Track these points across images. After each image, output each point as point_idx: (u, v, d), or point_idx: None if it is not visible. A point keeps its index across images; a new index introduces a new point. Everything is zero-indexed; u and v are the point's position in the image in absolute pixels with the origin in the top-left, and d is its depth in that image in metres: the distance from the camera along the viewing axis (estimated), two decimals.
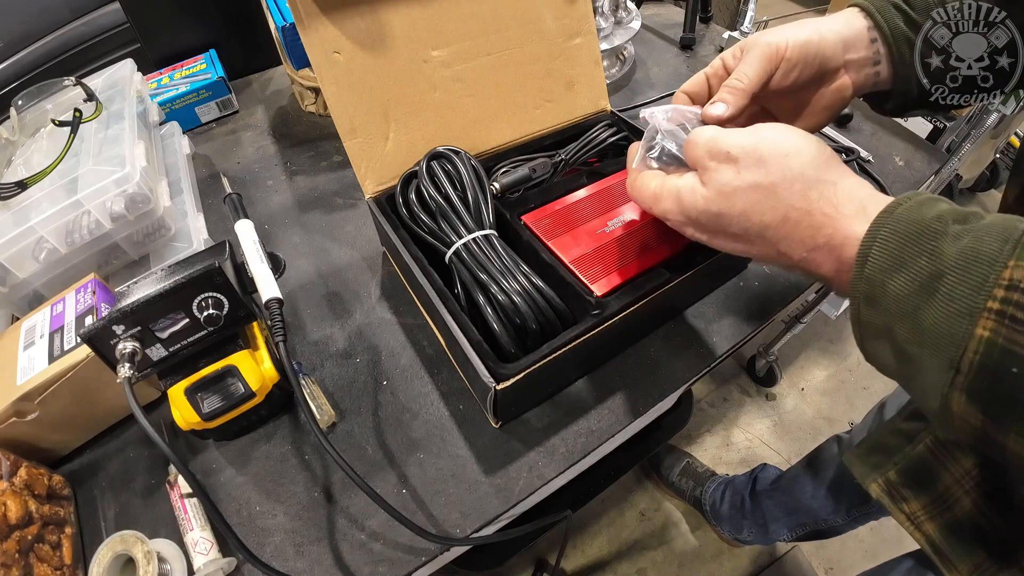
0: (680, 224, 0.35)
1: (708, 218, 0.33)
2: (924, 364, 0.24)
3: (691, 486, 1.17)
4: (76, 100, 0.62)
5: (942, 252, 0.24)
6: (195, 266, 0.40)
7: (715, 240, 0.34)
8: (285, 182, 0.74)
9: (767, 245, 0.31)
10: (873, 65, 0.41)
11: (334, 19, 0.50)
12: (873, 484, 0.45)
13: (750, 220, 0.31)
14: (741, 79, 0.40)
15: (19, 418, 0.43)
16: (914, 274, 0.24)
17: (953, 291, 0.23)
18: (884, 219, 0.26)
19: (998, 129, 0.94)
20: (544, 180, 0.58)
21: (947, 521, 0.41)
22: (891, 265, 0.25)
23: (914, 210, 0.26)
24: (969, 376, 0.23)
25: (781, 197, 0.30)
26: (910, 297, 0.24)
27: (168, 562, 0.42)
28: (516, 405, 0.49)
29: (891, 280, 0.25)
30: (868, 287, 0.26)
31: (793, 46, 0.40)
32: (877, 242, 0.26)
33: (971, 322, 0.22)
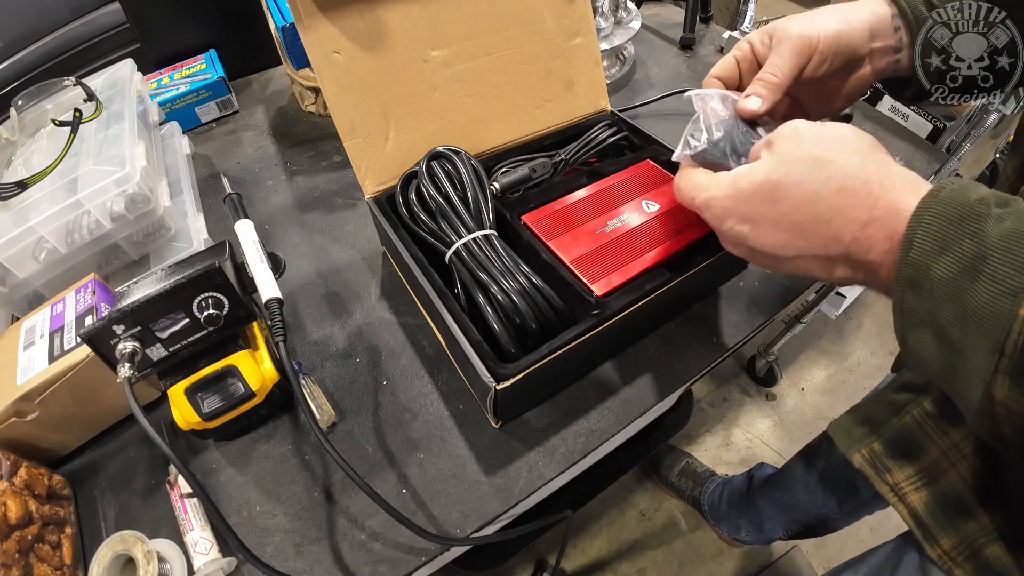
0: (723, 213, 0.34)
1: (763, 193, 0.31)
2: (968, 350, 0.24)
3: (690, 486, 1.17)
4: (76, 100, 0.62)
5: (986, 233, 0.24)
6: (195, 266, 0.40)
7: (758, 230, 0.32)
8: (285, 182, 0.74)
9: (817, 225, 0.30)
10: (895, 53, 0.41)
11: (334, 19, 0.50)
12: (856, 455, 0.45)
13: (805, 190, 0.30)
14: (776, 73, 0.39)
15: (19, 418, 0.43)
16: (958, 256, 0.24)
17: (997, 272, 0.23)
18: (928, 202, 0.26)
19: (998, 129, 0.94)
20: (544, 180, 0.58)
21: (931, 494, 0.41)
22: (935, 248, 0.25)
23: (958, 193, 0.26)
24: (1014, 358, 0.23)
25: (838, 167, 0.29)
26: (954, 279, 0.24)
27: (168, 562, 0.42)
28: (516, 405, 0.49)
29: (935, 263, 0.25)
30: (913, 272, 0.26)
31: (825, 38, 0.39)
32: (922, 225, 0.26)
33: (1015, 302, 0.22)
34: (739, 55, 0.43)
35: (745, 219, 0.32)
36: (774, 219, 0.31)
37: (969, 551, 0.41)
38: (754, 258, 0.34)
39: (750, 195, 0.32)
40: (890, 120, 0.83)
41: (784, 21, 0.41)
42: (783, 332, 1.25)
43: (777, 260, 0.33)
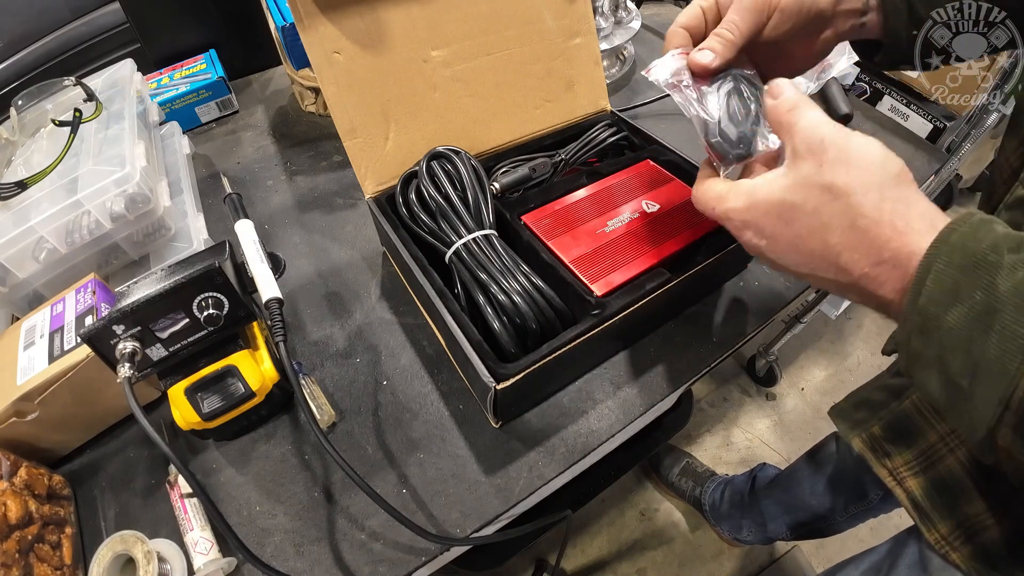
0: (741, 225, 0.33)
1: (779, 212, 0.31)
2: (974, 398, 0.24)
3: (691, 486, 1.17)
4: (76, 100, 0.62)
5: (997, 287, 0.23)
6: (195, 266, 0.40)
7: (775, 246, 0.32)
8: (285, 182, 0.74)
9: (828, 254, 0.29)
10: (860, 16, 0.40)
11: (334, 19, 0.50)
12: (856, 438, 0.45)
13: (819, 219, 0.29)
14: (731, 30, 0.39)
15: (19, 418, 0.43)
16: (969, 308, 0.24)
17: (1007, 328, 0.23)
18: (939, 248, 0.25)
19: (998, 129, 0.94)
20: (544, 180, 0.58)
21: (930, 478, 0.41)
22: (946, 298, 0.25)
23: (969, 237, 0.25)
24: (1019, 413, 0.23)
25: (853, 203, 0.28)
26: (964, 331, 0.24)
27: (168, 562, 0.42)
28: (516, 405, 0.49)
29: (946, 314, 0.25)
30: (922, 319, 0.25)
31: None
32: (932, 274, 0.25)
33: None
34: (704, 5, 0.42)
35: (762, 234, 0.32)
36: (788, 240, 0.31)
37: (966, 535, 0.41)
38: (774, 267, 0.34)
39: (766, 211, 0.32)
40: (890, 120, 0.83)
41: None
42: (783, 332, 1.25)
43: (795, 274, 0.33)
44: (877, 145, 0.31)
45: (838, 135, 0.30)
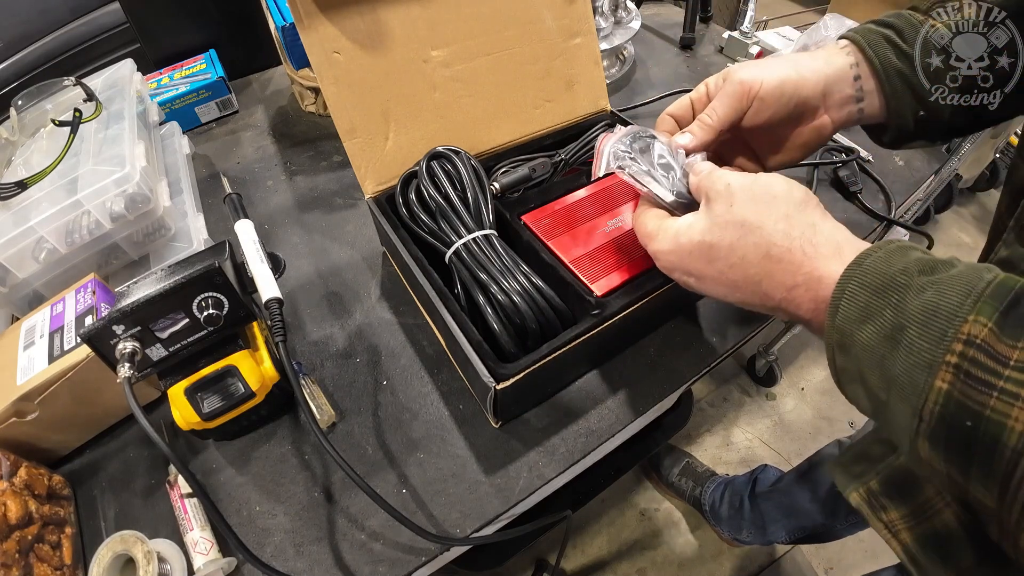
0: (670, 266, 0.37)
1: (700, 252, 0.34)
2: (893, 409, 0.25)
3: (691, 486, 1.17)
4: (76, 100, 0.62)
5: (905, 305, 0.25)
6: (195, 266, 0.40)
7: (702, 283, 0.35)
8: (285, 182, 0.74)
9: (750, 284, 0.32)
10: (856, 103, 0.42)
11: (334, 19, 0.50)
12: (854, 493, 0.45)
13: (736, 254, 0.32)
14: (711, 116, 0.42)
15: (19, 418, 0.43)
16: (879, 326, 0.25)
17: (914, 344, 0.24)
18: (853, 271, 0.27)
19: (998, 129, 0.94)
20: (544, 180, 0.58)
21: (925, 531, 0.41)
22: (859, 316, 0.26)
23: (882, 262, 0.27)
24: (931, 425, 0.23)
25: (765, 234, 0.31)
26: (876, 347, 0.25)
27: (168, 562, 0.42)
28: (516, 405, 0.49)
29: (859, 331, 0.26)
30: (839, 336, 0.27)
31: (768, 86, 0.40)
32: (846, 294, 0.27)
33: (931, 374, 0.23)
34: (695, 97, 0.45)
35: (689, 273, 0.35)
36: (713, 276, 0.34)
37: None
38: (708, 297, 0.37)
39: (690, 252, 0.35)
40: None
41: (737, 66, 0.43)
42: (783, 332, 1.25)
43: (721, 300, 0.36)
44: (780, 178, 0.33)
45: (743, 178, 0.34)
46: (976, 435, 0.22)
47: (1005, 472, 0.22)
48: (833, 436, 1.23)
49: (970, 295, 0.23)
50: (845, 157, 0.74)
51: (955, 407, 0.23)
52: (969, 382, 0.22)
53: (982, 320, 0.23)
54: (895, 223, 0.69)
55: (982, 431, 0.22)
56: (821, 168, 0.74)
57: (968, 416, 0.22)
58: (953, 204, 1.73)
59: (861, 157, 0.75)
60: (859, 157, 0.75)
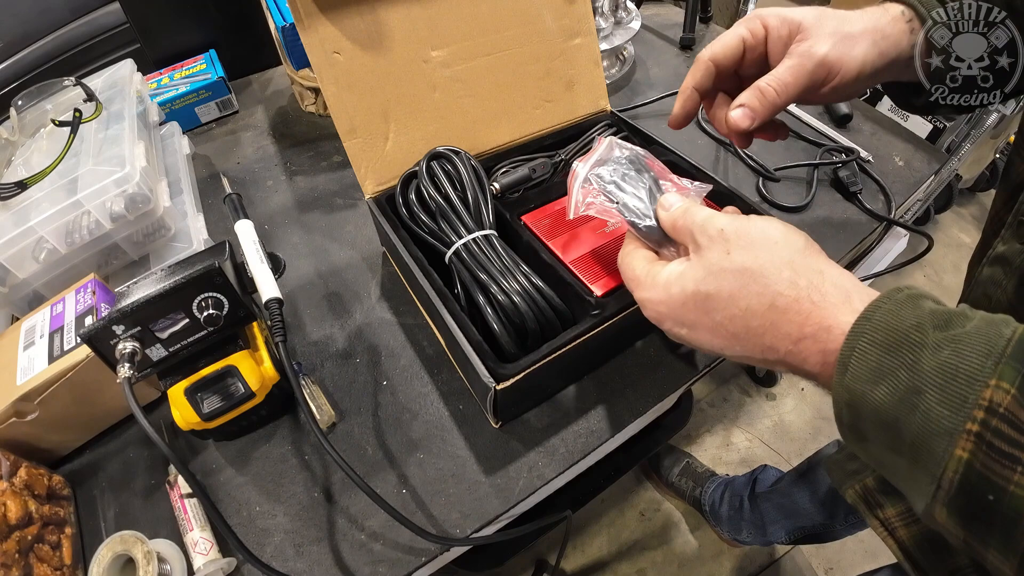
0: (659, 316, 0.33)
1: (696, 302, 0.31)
2: (907, 473, 0.24)
3: (691, 486, 1.17)
4: (76, 100, 0.62)
5: (921, 366, 0.23)
6: (195, 266, 0.40)
7: (696, 335, 0.32)
8: (285, 182, 0.74)
9: (752, 336, 0.29)
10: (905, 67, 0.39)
11: (334, 19, 0.50)
12: (849, 490, 0.45)
13: (737, 305, 0.29)
14: (778, 89, 0.36)
15: (19, 418, 0.43)
16: (893, 388, 0.23)
17: (932, 411, 0.22)
18: (862, 326, 0.25)
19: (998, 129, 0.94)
20: (544, 180, 0.58)
21: (921, 529, 0.41)
22: (870, 377, 0.24)
23: (893, 315, 0.25)
24: (950, 493, 0.22)
25: (769, 283, 0.29)
26: (890, 410, 0.23)
27: (168, 562, 0.42)
28: (516, 405, 0.49)
29: (871, 392, 0.24)
30: (849, 395, 0.25)
31: (848, 73, 0.37)
32: (856, 352, 0.25)
33: (951, 443, 0.21)
34: (748, 33, 0.39)
35: (681, 324, 0.32)
36: (710, 327, 0.31)
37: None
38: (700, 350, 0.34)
39: (683, 303, 0.32)
40: (890, 120, 0.83)
41: (815, 23, 0.37)
42: None
43: (717, 354, 0.33)
44: (776, 223, 0.31)
45: (736, 222, 0.31)
46: (998, 508, 0.21)
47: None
48: (833, 436, 1.23)
49: (990, 355, 0.22)
50: (845, 157, 0.74)
51: (976, 479, 0.21)
52: (992, 454, 0.21)
53: (1004, 386, 0.21)
54: (895, 223, 0.69)
55: (1005, 505, 0.21)
56: (821, 168, 0.74)
57: (990, 490, 0.21)
58: (953, 204, 1.73)
59: (861, 157, 0.75)
60: (859, 157, 0.75)
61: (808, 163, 0.75)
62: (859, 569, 0.58)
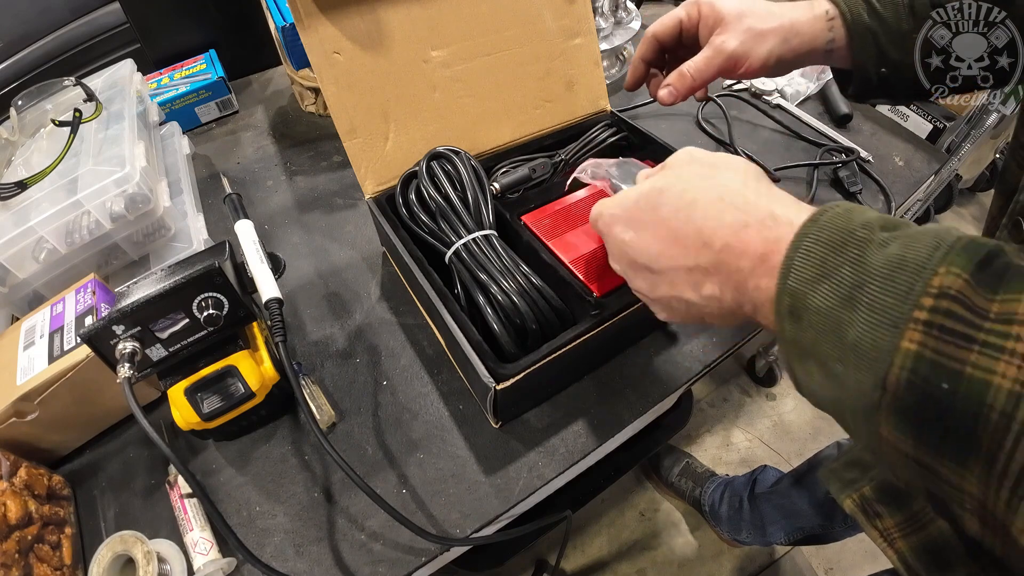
0: (611, 220, 0.34)
1: (648, 198, 0.31)
2: (850, 384, 0.22)
3: (690, 486, 1.17)
4: (76, 100, 0.62)
5: (867, 260, 0.22)
6: (195, 266, 0.40)
7: (640, 236, 0.32)
8: (285, 182, 0.74)
9: (690, 231, 0.29)
10: (824, 55, 0.45)
11: (334, 19, 0.50)
12: (847, 500, 0.45)
13: (684, 197, 0.30)
14: (694, 74, 0.45)
15: (19, 418, 0.43)
16: (836, 284, 0.22)
17: (876, 301, 0.21)
18: (808, 228, 0.24)
19: (998, 129, 0.94)
20: (544, 180, 0.58)
21: (921, 539, 0.40)
22: (814, 276, 0.23)
23: (840, 217, 0.24)
24: (897, 395, 0.20)
25: (720, 179, 0.30)
26: (833, 310, 0.22)
27: (168, 562, 0.42)
28: (516, 405, 0.49)
29: (813, 292, 0.23)
30: (791, 300, 0.24)
31: (755, 63, 0.44)
32: (799, 252, 0.24)
33: (896, 334, 0.20)
34: (685, 20, 0.47)
35: (630, 224, 0.32)
36: (654, 224, 0.31)
37: None
38: (634, 276, 0.34)
39: (636, 200, 0.32)
40: (889, 120, 0.83)
41: (735, 19, 0.44)
42: None
43: (652, 277, 0.32)
44: (739, 157, 0.33)
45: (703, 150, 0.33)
46: (953, 400, 0.19)
47: (991, 441, 0.18)
48: (833, 436, 1.23)
49: (939, 248, 0.21)
50: (845, 157, 0.74)
51: (927, 369, 0.19)
52: (945, 336, 0.19)
53: (955, 271, 0.20)
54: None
55: (962, 393, 0.19)
56: (821, 168, 0.74)
57: (944, 376, 0.19)
58: (953, 204, 1.73)
59: (861, 157, 0.75)
60: (859, 157, 0.75)
61: (808, 163, 0.75)
62: (859, 569, 0.58)
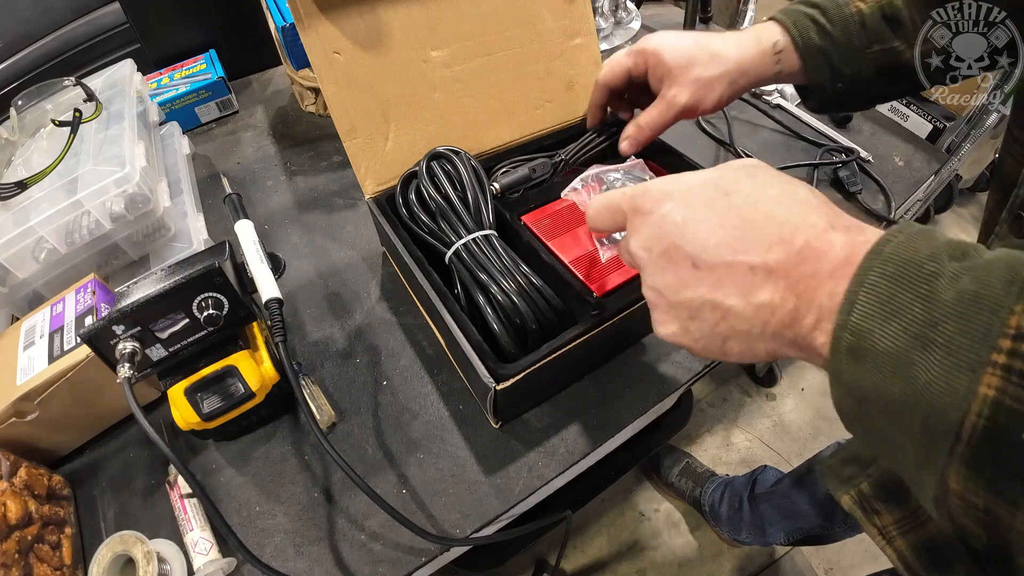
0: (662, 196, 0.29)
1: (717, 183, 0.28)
2: (917, 431, 0.21)
3: (690, 487, 1.17)
4: (76, 100, 0.62)
5: (938, 296, 0.20)
6: (195, 266, 0.40)
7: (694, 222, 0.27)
8: (285, 182, 0.74)
9: (769, 224, 0.26)
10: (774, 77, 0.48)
11: (334, 19, 0.50)
12: (845, 496, 0.44)
13: (768, 192, 0.27)
14: (652, 128, 0.49)
15: (19, 418, 0.43)
16: (907, 322, 0.21)
17: (952, 342, 0.19)
18: (871, 260, 0.22)
19: (998, 129, 0.94)
20: (544, 180, 0.57)
21: (919, 537, 0.40)
22: (882, 313, 0.21)
23: (905, 247, 0.22)
24: (971, 444, 0.19)
25: (802, 185, 0.27)
26: (903, 351, 0.21)
27: (168, 562, 0.42)
28: (516, 405, 0.49)
29: (881, 330, 0.21)
30: (854, 338, 0.22)
31: (705, 109, 0.47)
32: (864, 287, 0.22)
33: (973, 379, 0.19)
34: (633, 68, 0.49)
35: (687, 203, 0.28)
36: (722, 210, 0.27)
37: None
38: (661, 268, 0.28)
39: (702, 182, 0.28)
40: (890, 120, 0.83)
41: (682, 72, 0.46)
42: None
43: (691, 273, 0.27)
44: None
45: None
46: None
47: None
48: (833, 437, 1.23)
49: (1014, 282, 0.19)
50: (845, 157, 0.74)
51: (1007, 417, 0.18)
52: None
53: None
54: (895, 223, 0.69)
55: None
56: (821, 168, 0.74)
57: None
58: (953, 204, 1.73)
59: (861, 157, 0.75)
60: (859, 157, 0.75)
61: (808, 163, 0.75)
62: (859, 569, 0.58)
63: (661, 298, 0.29)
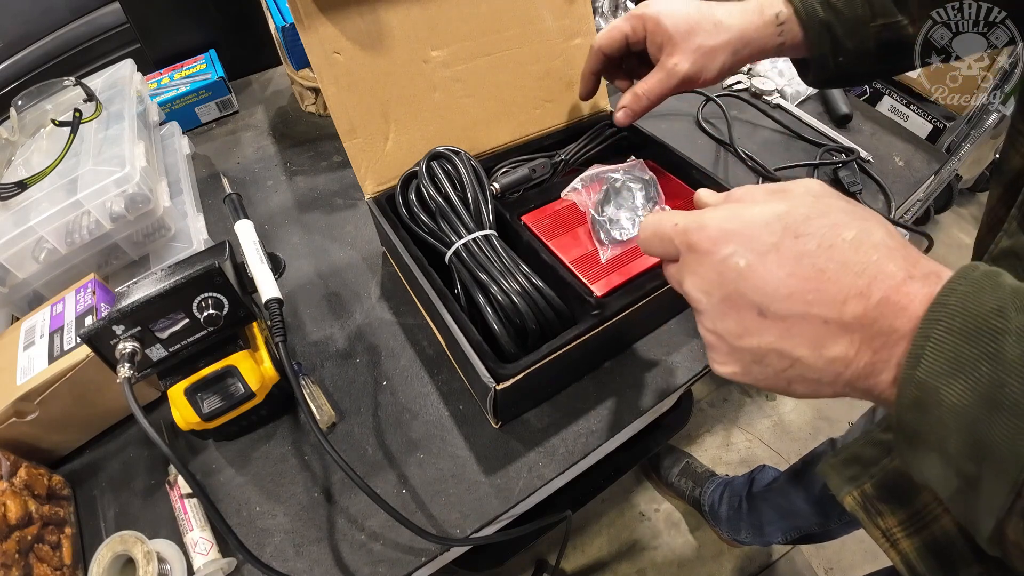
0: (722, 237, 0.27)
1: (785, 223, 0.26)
2: (980, 484, 0.21)
3: (690, 487, 1.17)
4: (76, 100, 0.62)
5: (1004, 355, 0.20)
6: (195, 266, 0.40)
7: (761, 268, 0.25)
8: (285, 182, 0.74)
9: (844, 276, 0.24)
10: (776, 50, 0.46)
11: (334, 19, 0.50)
12: (848, 497, 0.44)
13: (843, 235, 0.25)
14: (650, 97, 0.47)
15: (19, 418, 0.43)
16: (974, 381, 0.20)
17: (1017, 404, 0.19)
18: (937, 313, 0.22)
19: (998, 129, 0.94)
20: (544, 180, 0.58)
21: (924, 539, 0.40)
22: (948, 370, 0.21)
23: (971, 300, 0.21)
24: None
25: (877, 220, 0.25)
26: (969, 409, 0.20)
27: (168, 562, 0.42)
28: (516, 405, 0.49)
29: (948, 387, 0.21)
30: (919, 393, 0.22)
31: (708, 77, 0.45)
32: (931, 342, 0.21)
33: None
34: (630, 34, 0.47)
35: (751, 247, 0.25)
36: (793, 257, 0.25)
37: None
38: (724, 313, 0.27)
39: (766, 222, 0.26)
40: (890, 120, 0.83)
41: (683, 39, 0.44)
42: None
43: (757, 322, 0.26)
44: None
45: None
46: None
47: None
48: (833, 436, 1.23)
49: None
50: (845, 157, 0.74)
51: None
52: None
53: None
54: (895, 223, 0.69)
55: None
56: (821, 168, 0.74)
57: None
58: (953, 204, 1.73)
59: (861, 157, 0.75)
60: (859, 157, 0.75)
61: (808, 163, 0.75)
62: (859, 569, 0.58)
63: (722, 342, 0.28)
